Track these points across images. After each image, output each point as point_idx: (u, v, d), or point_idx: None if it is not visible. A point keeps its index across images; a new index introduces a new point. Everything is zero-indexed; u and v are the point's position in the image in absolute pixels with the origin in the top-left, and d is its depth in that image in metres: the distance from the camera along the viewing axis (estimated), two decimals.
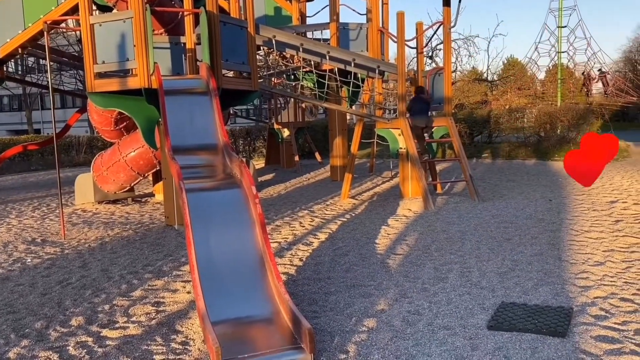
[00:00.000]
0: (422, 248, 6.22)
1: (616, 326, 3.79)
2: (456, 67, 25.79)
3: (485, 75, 29.39)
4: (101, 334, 4.01)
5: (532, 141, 18.57)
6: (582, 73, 32.30)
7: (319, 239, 6.92)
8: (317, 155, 18.43)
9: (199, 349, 3.69)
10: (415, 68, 11.41)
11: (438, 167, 12.56)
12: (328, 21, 11.34)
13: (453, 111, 15.81)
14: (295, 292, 4.77)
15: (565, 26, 36.76)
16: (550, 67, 38.48)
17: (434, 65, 23.76)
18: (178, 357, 3.59)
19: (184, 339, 3.87)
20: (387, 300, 4.49)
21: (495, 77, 31.05)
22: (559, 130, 18.18)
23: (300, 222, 8.06)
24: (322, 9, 12.25)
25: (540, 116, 18.84)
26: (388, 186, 11.91)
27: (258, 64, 9.50)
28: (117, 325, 4.18)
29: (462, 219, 7.81)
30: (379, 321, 4.04)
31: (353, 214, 8.61)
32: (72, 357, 3.65)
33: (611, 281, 4.77)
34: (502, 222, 7.44)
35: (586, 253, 5.72)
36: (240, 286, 4.16)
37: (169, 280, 5.33)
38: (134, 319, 4.31)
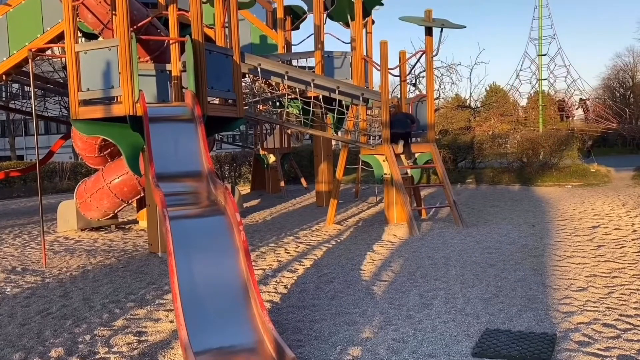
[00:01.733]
0: (407, 274, 6.22)
1: (599, 352, 3.81)
2: (439, 94, 26.20)
3: (468, 102, 29.86)
4: None
5: (515, 167, 18.82)
6: (557, 101, 33.25)
7: (304, 265, 6.89)
8: (302, 180, 18.47)
9: None
10: (398, 95, 11.57)
11: (422, 193, 12.64)
12: (313, 49, 11.52)
13: (437, 137, 16.01)
14: (279, 320, 4.73)
15: (545, 54, 37.71)
16: (532, 94, 39.35)
17: (417, 92, 24.10)
18: None
19: None
20: (372, 328, 4.47)
21: (478, 104, 31.55)
22: (541, 156, 18.46)
23: (285, 249, 8.03)
24: (307, 38, 12.48)
25: (523, 142, 19.13)
26: (373, 211, 11.94)
27: (243, 90, 9.57)
28: (97, 356, 4.10)
29: (446, 244, 7.84)
30: (364, 349, 4.02)
31: (338, 240, 8.61)
32: None
33: (594, 307, 4.81)
34: (486, 248, 7.49)
35: (569, 278, 5.77)
36: (224, 315, 4.12)
37: (152, 309, 5.26)
38: (115, 349, 4.23)
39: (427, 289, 5.57)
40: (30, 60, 7.57)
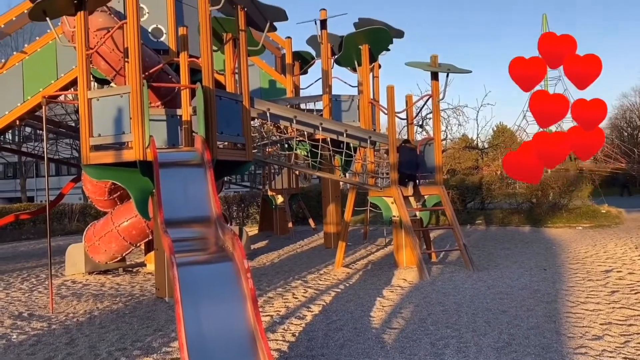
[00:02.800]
0: (418, 321, 6.10)
1: None
2: (446, 136, 26.32)
3: (475, 142, 29.96)
4: None
5: (524, 208, 18.69)
6: None
7: (312, 311, 6.79)
8: (310, 221, 18.43)
9: None
10: (405, 137, 11.63)
11: (432, 235, 12.54)
12: (321, 93, 11.68)
13: (445, 177, 16.00)
14: None
15: None
16: None
17: (424, 134, 24.25)
18: None
19: None
20: None
21: (486, 145, 31.62)
22: (550, 197, 18.35)
23: (294, 294, 7.93)
24: (315, 82, 12.68)
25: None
26: (382, 254, 11.83)
27: (252, 134, 9.67)
28: None
29: (457, 289, 7.72)
30: None
31: (347, 284, 8.50)
32: None
33: (610, 357, 4.68)
34: (497, 293, 7.36)
35: (583, 326, 5.64)
36: None
37: (158, 357, 5.17)
38: None
39: (438, 337, 5.45)
40: (43, 107, 7.71)
